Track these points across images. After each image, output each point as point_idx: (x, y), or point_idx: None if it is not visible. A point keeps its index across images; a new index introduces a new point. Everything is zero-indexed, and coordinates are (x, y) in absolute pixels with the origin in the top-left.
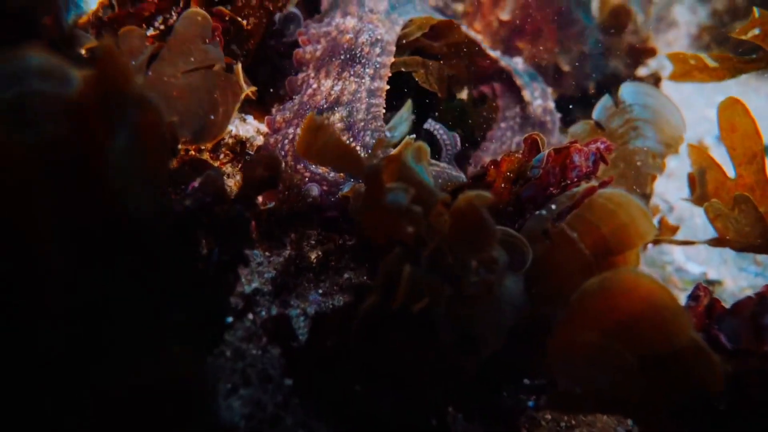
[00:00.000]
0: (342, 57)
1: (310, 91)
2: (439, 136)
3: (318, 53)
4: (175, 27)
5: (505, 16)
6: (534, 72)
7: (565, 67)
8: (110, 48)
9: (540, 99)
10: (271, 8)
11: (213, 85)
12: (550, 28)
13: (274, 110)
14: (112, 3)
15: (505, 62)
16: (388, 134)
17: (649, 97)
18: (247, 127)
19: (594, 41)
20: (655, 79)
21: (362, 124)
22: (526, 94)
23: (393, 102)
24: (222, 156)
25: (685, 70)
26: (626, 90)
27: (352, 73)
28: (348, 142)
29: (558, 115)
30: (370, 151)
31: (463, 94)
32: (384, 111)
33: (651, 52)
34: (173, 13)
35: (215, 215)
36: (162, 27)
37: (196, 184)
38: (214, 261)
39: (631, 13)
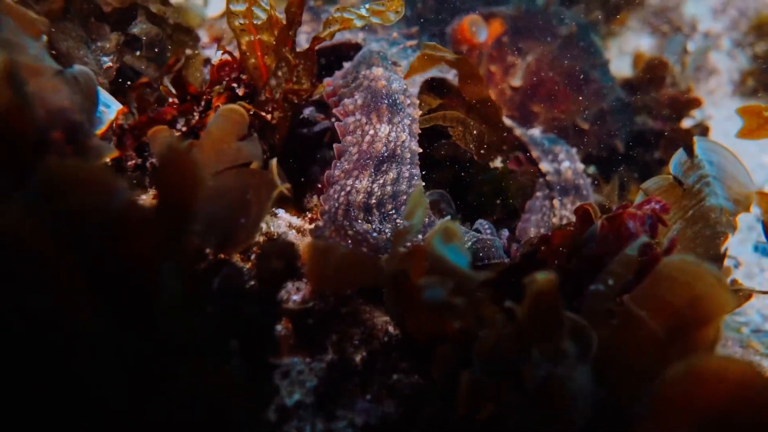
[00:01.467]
0: (386, 101)
1: (368, 138)
2: (486, 236)
3: (360, 101)
4: (208, 126)
5: (516, 82)
6: (553, 136)
7: (585, 125)
8: (179, 154)
9: (567, 161)
10: (296, 100)
11: (245, 185)
12: (564, 90)
13: (332, 166)
14: (132, 110)
15: (519, 132)
16: (405, 222)
17: (714, 152)
18: (279, 222)
19: (615, 99)
20: (701, 130)
21: (404, 197)
22: (544, 166)
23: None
24: (254, 257)
25: (759, 124)
26: (697, 144)
27: (399, 120)
28: (390, 211)
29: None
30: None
31: (497, 162)
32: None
33: (695, 103)
34: (195, 114)
35: (235, 319)
36: (185, 128)
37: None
38: (238, 372)
39: (668, 65)
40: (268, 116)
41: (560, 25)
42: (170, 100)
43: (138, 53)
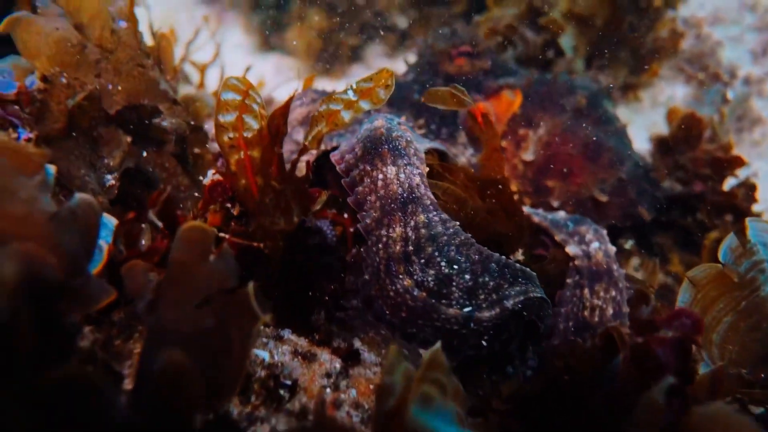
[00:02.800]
0: (386, 146)
1: (380, 183)
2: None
3: (360, 152)
4: (171, 253)
5: (528, 157)
6: (579, 216)
7: (603, 198)
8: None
9: (597, 242)
10: (285, 227)
11: (225, 320)
12: (579, 162)
13: (359, 216)
14: (119, 248)
15: (539, 218)
16: (386, 380)
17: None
18: (284, 348)
19: (633, 165)
20: (747, 189)
21: (444, 238)
22: (571, 250)
23: None
24: (253, 397)
25: None
26: (750, 227)
27: (404, 163)
28: (432, 253)
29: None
30: (455, 267)
31: (519, 255)
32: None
33: (737, 162)
34: None
35: None
36: None
37: None
38: None
39: (703, 122)
40: (261, 245)
41: (571, 94)
42: (161, 230)
43: (144, 154)
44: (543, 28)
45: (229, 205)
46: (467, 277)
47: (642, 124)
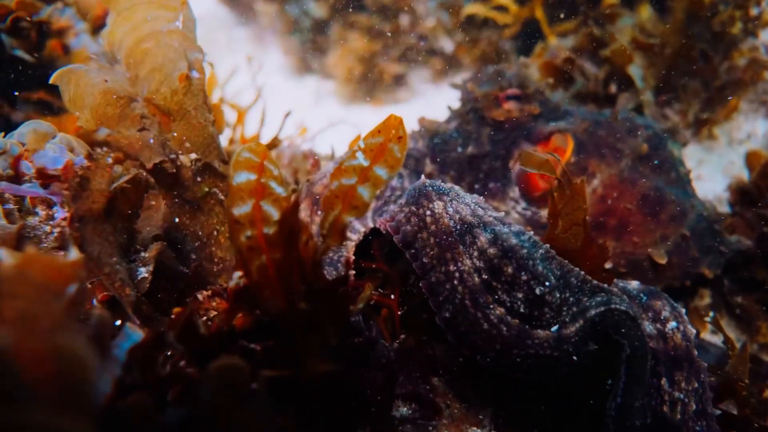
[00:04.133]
0: (430, 187)
1: (429, 219)
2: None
3: (403, 201)
4: (198, 396)
5: None
6: (653, 288)
7: (662, 260)
8: None
9: (674, 321)
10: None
11: None
12: (636, 217)
13: (408, 254)
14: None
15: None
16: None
17: None
18: None
19: (697, 217)
20: None
21: (524, 251)
22: (644, 328)
23: None
24: None
25: None
26: None
27: (450, 198)
28: (514, 273)
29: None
30: (546, 284)
31: None
32: None
33: None
34: None
35: None
36: None
37: None
38: None
39: None
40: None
41: (631, 136)
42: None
43: (176, 220)
44: (605, 60)
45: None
46: (557, 294)
47: (717, 165)
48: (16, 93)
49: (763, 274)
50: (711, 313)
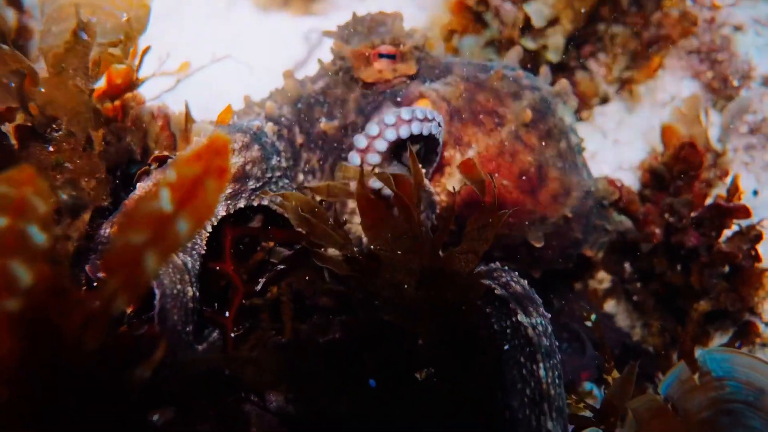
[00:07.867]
0: None
1: None
2: None
3: None
4: None
5: (452, 187)
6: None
7: (539, 243)
8: None
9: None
10: None
11: None
12: (513, 196)
13: None
14: None
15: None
16: None
17: (755, 371)
18: None
19: (585, 195)
20: (750, 241)
21: None
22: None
23: None
24: None
25: None
26: (712, 358)
27: None
28: None
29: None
30: None
31: None
32: None
33: (741, 213)
34: None
35: None
36: None
37: None
38: None
39: (702, 154)
40: None
41: (515, 101)
42: None
43: None
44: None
45: None
46: None
47: (638, 128)
48: None
49: (663, 267)
50: (593, 317)
